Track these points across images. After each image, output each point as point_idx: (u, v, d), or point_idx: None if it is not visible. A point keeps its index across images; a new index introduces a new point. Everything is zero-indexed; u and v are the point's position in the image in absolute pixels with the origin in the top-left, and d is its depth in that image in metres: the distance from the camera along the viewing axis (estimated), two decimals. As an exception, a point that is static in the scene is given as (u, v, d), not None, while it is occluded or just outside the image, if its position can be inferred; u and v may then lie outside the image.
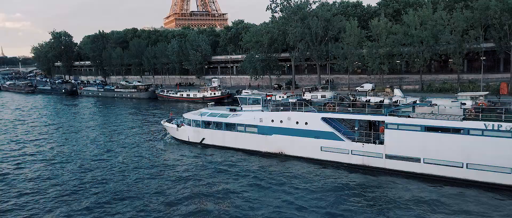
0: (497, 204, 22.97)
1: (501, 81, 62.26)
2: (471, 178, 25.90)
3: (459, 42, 61.95)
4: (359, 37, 72.25)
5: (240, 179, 28.93)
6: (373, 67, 70.19)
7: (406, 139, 28.10)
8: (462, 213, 21.76)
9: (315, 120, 32.32)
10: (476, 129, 25.55)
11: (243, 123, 36.72)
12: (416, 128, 27.70)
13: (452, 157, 26.43)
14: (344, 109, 32.50)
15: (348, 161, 30.75)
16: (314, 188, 26.32)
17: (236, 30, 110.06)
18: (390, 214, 21.89)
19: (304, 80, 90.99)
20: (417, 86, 70.92)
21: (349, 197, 24.53)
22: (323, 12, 76.86)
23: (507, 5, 57.04)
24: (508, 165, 24.73)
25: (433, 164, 27.19)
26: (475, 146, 25.66)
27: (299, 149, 33.33)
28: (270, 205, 23.63)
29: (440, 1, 73.55)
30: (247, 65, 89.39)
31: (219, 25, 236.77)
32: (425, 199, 23.74)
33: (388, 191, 25.33)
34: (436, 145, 27.03)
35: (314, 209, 22.76)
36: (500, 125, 24.81)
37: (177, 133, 42.73)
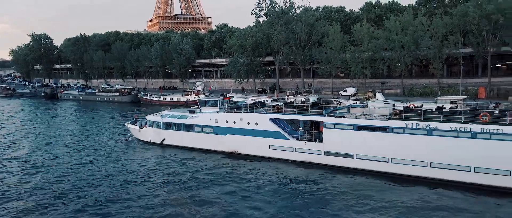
0: (416, 195, 25.33)
1: (479, 86, 63.91)
2: (395, 171, 28.51)
3: (439, 48, 63.38)
4: (342, 42, 73.13)
5: (196, 178, 30.25)
6: (356, 71, 71.08)
7: (341, 137, 30.75)
8: (386, 203, 24.04)
9: (264, 120, 34.66)
10: (399, 128, 28.26)
11: (200, 123, 38.82)
12: (350, 127, 30.38)
13: (380, 153, 29.04)
14: (290, 110, 35.02)
15: (293, 158, 33.17)
16: (262, 183, 28.33)
17: (220, 34, 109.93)
18: (328, 205, 24.14)
19: (288, 84, 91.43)
20: (399, 91, 72.16)
21: (292, 190, 26.77)
22: (307, 17, 77.55)
23: (485, 11, 58.65)
24: (425, 159, 27.41)
25: (364, 159, 29.77)
26: (398, 143, 28.33)
27: (250, 148, 35.49)
28: (223, 201, 25.31)
29: (421, 7, 75.18)
30: (231, 69, 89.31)
31: (203, 29, 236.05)
32: (356, 191, 26.21)
33: (326, 184, 27.94)
34: (366, 142, 29.67)
35: (261, 203, 24.74)
36: (418, 124, 27.51)
37: (140, 134, 44.68)
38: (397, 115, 29.60)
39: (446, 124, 26.84)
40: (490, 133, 25.33)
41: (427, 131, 27.28)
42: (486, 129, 25.49)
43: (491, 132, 25.30)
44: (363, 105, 34.29)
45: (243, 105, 37.76)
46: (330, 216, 22.57)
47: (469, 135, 25.96)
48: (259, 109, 36.08)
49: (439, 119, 27.47)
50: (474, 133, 25.81)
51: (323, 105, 34.62)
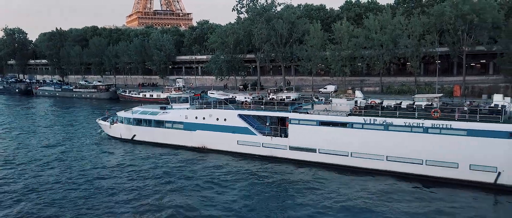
0: (373, 187, 26.64)
1: (454, 84, 65.71)
2: (354, 165, 29.87)
3: (416, 46, 64.76)
4: (322, 40, 73.74)
5: (165, 173, 30.74)
6: (336, 69, 71.86)
7: (305, 132, 31.89)
8: (345, 194, 25.44)
9: (232, 116, 35.67)
10: (358, 123, 29.63)
11: (171, 120, 39.51)
12: (313, 122, 31.59)
13: (340, 147, 30.37)
14: (258, 106, 35.86)
15: (260, 152, 34.22)
16: (230, 178, 29.09)
17: (201, 30, 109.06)
18: (291, 197, 25.22)
19: (269, 81, 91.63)
20: (377, 88, 73.40)
21: (258, 184, 27.77)
22: (288, 15, 77.82)
23: (460, 11, 60.27)
24: (382, 153, 28.79)
25: (326, 153, 31.03)
26: (357, 137, 29.62)
27: (219, 143, 36.47)
28: (192, 195, 25.90)
29: (399, 7, 76.59)
30: (212, 66, 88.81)
31: (183, 25, 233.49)
32: (318, 184, 27.36)
33: (290, 178, 29.06)
34: (328, 137, 30.90)
35: (229, 197, 25.57)
36: (375, 119, 28.97)
37: (110, 130, 44.99)
38: (357, 111, 30.76)
39: (401, 120, 28.23)
40: (440, 128, 26.82)
41: (383, 126, 28.71)
42: (437, 124, 26.97)
43: (441, 127, 26.79)
44: (326, 101, 35.86)
45: (212, 101, 38.62)
46: (294, 208, 23.40)
47: (421, 130, 27.41)
48: (228, 105, 36.96)
49: (395, 114, 28.84)
50: (425, 128, 27.29)
51: (289, 102, 35.67)
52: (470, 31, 61.80)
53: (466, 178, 26.18)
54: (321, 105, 34.73)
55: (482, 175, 25.68)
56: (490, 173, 25.46)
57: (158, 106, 43.96)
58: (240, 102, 38.09)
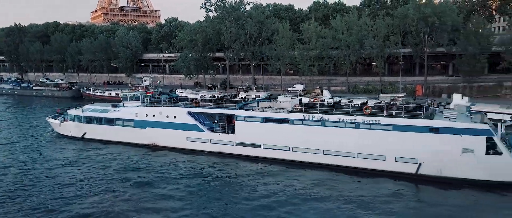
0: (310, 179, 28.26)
1: (416, 84, 68.29)
2: (295, 159, 31.47)
3: (381, 47, 66.75)
4: (291, 40, 74.47)
5: (114, 170, 30.93)
6: (304, 69, 72.81)
7: (250, 129, 33.30)
8: (285, 186, 26.88)
9: (182, 114, 36.53)
10: (298, 119, 31.22)
11: (121, 117, 40.03)
12: (257, 119, 33.06)
13: (282, 142, 31.91)
14: (207, 104, 37.17)
15: (208, 149, 35.31)
16: (179, 174, 29.74)
17: (169, 28, 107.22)
18: (237, 191, 26.39)
19: (239, 80, 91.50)
20: (344, 88, 75.04)
21: (206, 179, 28.68)
22: (257, 14, 78.00)
23: (422, 14, 62.72)
24: (320, 147, 30.50)
25: (270, 148, 32.51)
26: (298, 133, 31.22)
27: (169, 140, 37.12)
28: (141, 191, 26.20)
29: (365, 8, 78.63)
30: (181, 64, 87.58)
31: (151, 22, 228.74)
32: (262, 178, 28.76)
33: (237, 172, 30.22)
34: (271, 133, 32.36)
35: (178, 192, 26.16)
36: (313, 116, 30.61)
37: (60, 128, 44.87)
38: (298, 108, 32.51)
39: (336, 116, 30.16)
40: (370, 124, 28.93)
41: (321, 122, 30.46)
42: (367, 120, 29.03)
43: (371, 123, 28.90)
44: (270, 99, 37.74)
45: (162, 99, 39.40)
46: (240, 201, 24.32)
47: (353, 126, 29.47)
48: (178, 103, 37.92)
49: (332, 111, 30.81)
50: (357, 123, 29.36)
51: (236, 100, 37.14)
52: (431, 33, 64.44)
53: (392, 169, 28.27)
54: (265, 102, 36.12)
55: (405, 166, 27.86)
56: (412, 164, 27.67)
57: (109, 104, 44.42)
58: (190, 100, 39.53)
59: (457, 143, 26.34)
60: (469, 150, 26.11)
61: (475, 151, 25.98)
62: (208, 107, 36.60)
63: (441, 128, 26.94)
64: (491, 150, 25.75)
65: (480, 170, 25.93)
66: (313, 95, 55.27)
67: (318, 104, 32.25)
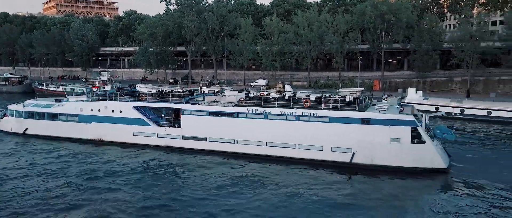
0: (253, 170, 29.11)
1: (374, 79, 70.75)
2: (240, 151, 32.32)
3: (340, 43, 68.45)
4: (253, 35, 74.58)
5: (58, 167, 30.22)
6: (267, 64, 73.24)
7: (197, 122, 33.83)
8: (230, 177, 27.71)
9: (128, 108, 36.36)
10: (242, 113, 32.12)
11: (65, 112, 39.32)
12: (203, 113, 33.66)
13: (228, 135, 32.69)
14: (153, 98, 37.30)
15: (155, 143, 35.31)
16: (125, 168, 29.62)
17: (128, 20, 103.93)
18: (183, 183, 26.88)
19: (201, 75, 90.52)
20: (305, 83, 76.35)
21: (153, 173, 28.79)
22: (219, 8, 77.33)
23: (379, 11, 64.94)
24: (263, 139, 31.56)
25: (216, 141, 33.20)
26: (242, 126, 32.16)
27: (114, 135, 36.92)
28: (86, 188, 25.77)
29: (325, 5, 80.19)
30: (140, 58, 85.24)
31: (108, 15, 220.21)
32: (208, 170, 29.38)
33: (183, 165, 30.62)
34: (217, 126, 33.06)
35: (125, 187, 26.01)
36: (257, 109, 31.55)
37: (0, 124, 43.65)
38: (242, 102, 33.40)
39: (278, 109, 31.21)
40: (309, 116, 30.21)
41: (263, 115, 31.42)
42: (306, 113, 30.29)
43: (310, 115, 30.20)
44: (217, 94, 38.28)
45: (108, 94, 38.85)
46: (186, 193, 24.80)
47: (294, 118, 30.66)
48: (124, 97, 37.55)
49: (274, 105, 31.81)
50: (297, 116, 30.57)
51: (183, 94, 37.38)
52: (388, 29, 66.92)
53: (329, 159, 29.75)
54: (211, 96, 36.74)
55: (341, 155, 29.45)
56: (347, 154, 29.27)
57: (52, 99, 43.17)
58: (136, 94, 39.14)
59: (386, 133, 28.13)
60: (396, 140, 27.94)
61: (401, 140, 27.84)
62: (154, 101, 36.71)
63: (372, 119, 28.68)
64: (415, 139, 27.61)
65: (406, 158, 27.88)
66: (275, 90, 55.75)
67: (262, 98, 33.28)
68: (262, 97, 33.45)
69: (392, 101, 34.14)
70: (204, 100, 35.84)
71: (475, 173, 27.36)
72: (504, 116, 46.53)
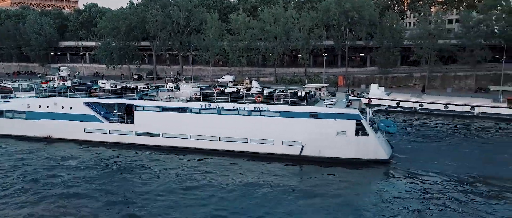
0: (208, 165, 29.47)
1: (338, 75, 72.33)
2: (194, 146, 32.52)
3: (306, 39, 69.38)
4: (220, 30, 74.07)
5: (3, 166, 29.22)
6: (233, 59, 73.02)
7: (150, 118, 33.78)
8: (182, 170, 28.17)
9: (78, 104, 35.75)
10: (196, 108, 32.51)
11: (11, 109, 38.14)
12: (156, 108, 33.67)
13: (181, 131, 32.81)
14: (105, 94, 36.87)
15: (107, 139, 34.91)
16: (76, 166, 29.14)
17: (89, 14, 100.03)
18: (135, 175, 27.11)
19: (166, 71, 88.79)
20: (272, 79, 76.84)
21: (105, 170, 28.37)
22: (185, 3, 76.09)
23: (343, 8, 66.33)
24: (216, 134, 32.02)
25: (169, 137, 33.25)
26: (195, 121, 32.51)
27: (64, 132, 36.16)
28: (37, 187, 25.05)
29: (291, 1, 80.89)
30: (102, 54, 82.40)
31: (68, 8, 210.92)
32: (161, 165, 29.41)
33: (136, 162, 30.54)
34: (170, 122, 33.17)
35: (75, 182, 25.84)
36: (210, 105, 32.03)
37: None
38: (196, 97, 33.63)
39: (231, 104, 31.81)
40: (260, 111, 30.96)
41: (216, 110, 31.93)
42: (258, 108, 31.01)
43: (261, 110, 30.94)
44: (169, 89, 38.19)
45: (57, 90, 37.92)
46: (139, 189, 24.75)
47: (246, 113, 31.30)
48: (74, 93, 36.87)
49: (227, 100, 32.37)
50: (249, 111, 31.22)
51: (136, 89, 37.21)
52: (351, 27, 68.57)
53: (280, 152, 30.60)
54: (165, 92, 36.78)
55: (291, 148, 30.35)
56: (297, 147, 30.19)
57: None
58: (88, 90, 38.39)
59: (333, 126, 29.34)
60: (342, 132, 29.22)
61: (347, 133, 29.15)
62: (106, 97, 36.27)
63: (320, 113, 29.84)
64: (360, 132, 28.96)
65: (351, 150, 29.24)
66: (242, 86, 55.64)
67: (215, 93, 33.70)
68: (216, 92, 33.91)
69: (340, 96, 35.58)
70: (157, 96, 35.92)
71: (415, 162, 29.33)
72: (460, 110, 49.04)
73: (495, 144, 36.64)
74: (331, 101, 31.72)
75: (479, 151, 33.57)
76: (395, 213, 21.39)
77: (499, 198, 23.55)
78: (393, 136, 35.21)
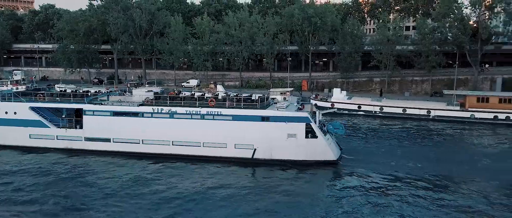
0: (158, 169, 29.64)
1: (302, 79, 73.54)
2: (146, 151, 32.45)
3: (270, 44, 70.08)
4: (184, 34, 73.25)
5: None
6: (198, 63, 72.41)
7: (100, 123, 33.26)
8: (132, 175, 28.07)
9: (23, 109, 34.58)
10: (148, 112, 32.36)
11: None
12: (107, 113, 33.22)
13: (133, 135, 32.59)
14: (53, 98, 35.92)
15: (55, 145, 34.13)
16: (22, 174, 28.34)
17: (46, 15, 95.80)
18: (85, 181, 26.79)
19: (129, 75, 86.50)
20: (238, 83, 76.85)
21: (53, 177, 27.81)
22: (148, 5, 74.63)
23: (306, 14, 67.66)
24: (168, 138, 31.93)
25: (120, 142, 32.94)
26: (147, 125, 32.34)
27: (8, 138, 35.02)
28: None
29: (255, 6, 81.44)
30: (60, 57, 78.97)
31: (22, 8, 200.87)
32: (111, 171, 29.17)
33: (85, 168, 30.00)
34: (121, 127, 32.84)
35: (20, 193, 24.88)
36: (162, 109, 32.03)
37: None
38: (148, 101, 33.54)
39: (184, 108, 31.86)
40: (213, 115, 31.31)
41: (169, 114, 31.82)
42: (211, 112, 31.35)
43: (214, 114, 31.29)
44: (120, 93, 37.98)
45: (1, 94, 36.72)
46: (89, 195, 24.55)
47: (199, 117, 31.51)
48: (18, 98, 35.83)
49: (181, 104, 32.44)
50: (202, 115, 31.47)
51: (85, 93, 36.61)
52: (314, 32, 70.03)
53: (233, 155, 31.12)
54: (115, 96, 36.37)
55: (243, 151, 30.95)
56: (249, 150, 30.83)
57: None
58: (34, 94, 37.17)
59: (284, 129, 30.17)
60: (292, 135, 30.11)
61: (297, 135, 30.05)
62: (54, 102, 35.26)
63: (271, 116, 30.54)
64: (309, 134, 29.99)
65: (301, 152, 30.19)
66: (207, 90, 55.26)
67: (169, 97, 33.54)
68: (169, 96, 33.70)
69: (292, 100, 36.46)
70: (108, 100, 35.31)
71: (363, 163, 30.90)
72: (417, 113, 51.30)
73: (448, 145, 38.85)
74: (282, 105, 32.37)
75: (432, 151, 35.47)
76: (338, 211, 22.62)
77: (449, 192, 25.27)
78: (350, 138, 36.89)
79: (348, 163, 31.01)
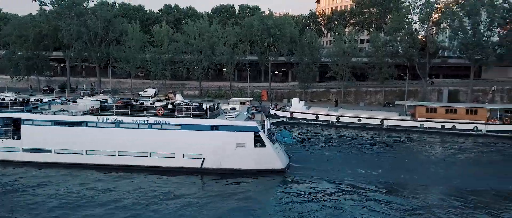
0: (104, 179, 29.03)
1: (262, 89, 74.20)
2: (89, 162, 31.32)
3: (230, 54, 70.25)
4: (141, 42, 71.72)
5: None
6: (156, 72, 70.99)
7: (40, 133, 31.85)
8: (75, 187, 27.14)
9: None
10: (92, 122, 31.46)
11: None
12: (48, 123, 31.88)
13: (76, 146, 31.51)
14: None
15: None
16: None
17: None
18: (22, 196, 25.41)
19: (82, 83, 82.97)
20: (197, 92, 76.09)
21: None
22: (103, 12, 72.34)
23: (266, 25, 68.64)
24: (114, 149, 31.03)
25: (62, 153, 31.70)
26: (92, 136, 31.41)
27: None
28: None
29: (215, 16, 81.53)
30: (7, 64, 74.27)
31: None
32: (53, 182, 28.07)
33: (23, 181, 28.35)
34: (63, 137, 31.67)
35: None
36: (108, 118, 31.29)
37: None
38: (93, 110, 32.42)
39: (131, 118, 31.24)
40: (161, 124, 30.90)
41: (115, 124, 31.11)
42: (159, 121, 30.94)
43: (162, 123, 30.89)
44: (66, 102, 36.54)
45: None
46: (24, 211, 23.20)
47: (146, 126, 30.93)
48: None
49: (127, 113, 31.67)
50: (150, 124, 30.92)
51: (24, 102, 34.95)
52: (274, 43, 71.11)
53: (181, 165, 30.68)
54: (57, 105, 35.16)
55: (192, 161, 30.62)
56: (198, 159, 30.57)
57: None
58: None
59: (233, 138, 30.24)
60: (241, 144, 30.25)
61: (246, 144, 30.21)
62: None
63: (220, 126, 30.57)
64: (258, 143, 30.19)
65: (250, 160, 30.32)
66: (166, 100, 54.18)
67: (115, 106, 32.58)
68: (115, 105, 32.71)
69: (243, 109, 36.60)
70: (50, 109, 33.90)
71: (311, 171, 31.38)
72: (371, 123, 53.29)
73: (399, 153, 40.58)
74: (232, 114, 32.46)
75: (384, 159, 36.81)
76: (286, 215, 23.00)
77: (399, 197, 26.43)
78: (304, 147, 37.81)
79: (296, 171, 31.38)
